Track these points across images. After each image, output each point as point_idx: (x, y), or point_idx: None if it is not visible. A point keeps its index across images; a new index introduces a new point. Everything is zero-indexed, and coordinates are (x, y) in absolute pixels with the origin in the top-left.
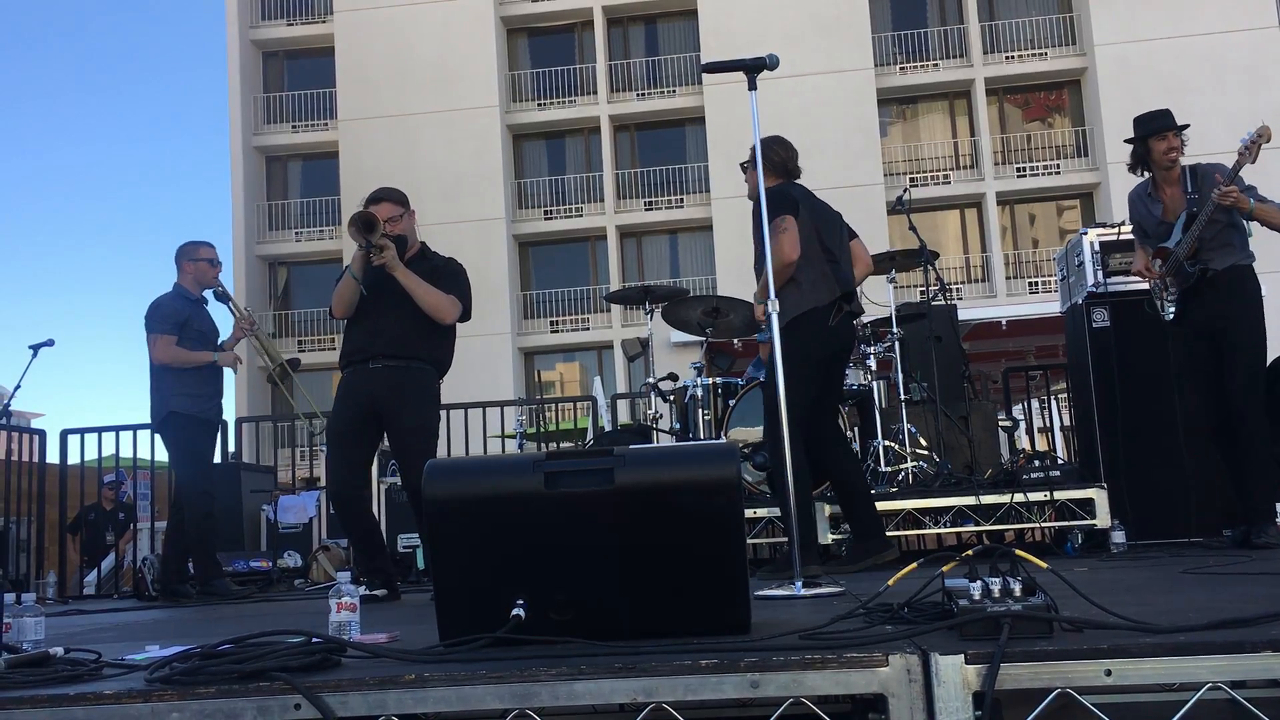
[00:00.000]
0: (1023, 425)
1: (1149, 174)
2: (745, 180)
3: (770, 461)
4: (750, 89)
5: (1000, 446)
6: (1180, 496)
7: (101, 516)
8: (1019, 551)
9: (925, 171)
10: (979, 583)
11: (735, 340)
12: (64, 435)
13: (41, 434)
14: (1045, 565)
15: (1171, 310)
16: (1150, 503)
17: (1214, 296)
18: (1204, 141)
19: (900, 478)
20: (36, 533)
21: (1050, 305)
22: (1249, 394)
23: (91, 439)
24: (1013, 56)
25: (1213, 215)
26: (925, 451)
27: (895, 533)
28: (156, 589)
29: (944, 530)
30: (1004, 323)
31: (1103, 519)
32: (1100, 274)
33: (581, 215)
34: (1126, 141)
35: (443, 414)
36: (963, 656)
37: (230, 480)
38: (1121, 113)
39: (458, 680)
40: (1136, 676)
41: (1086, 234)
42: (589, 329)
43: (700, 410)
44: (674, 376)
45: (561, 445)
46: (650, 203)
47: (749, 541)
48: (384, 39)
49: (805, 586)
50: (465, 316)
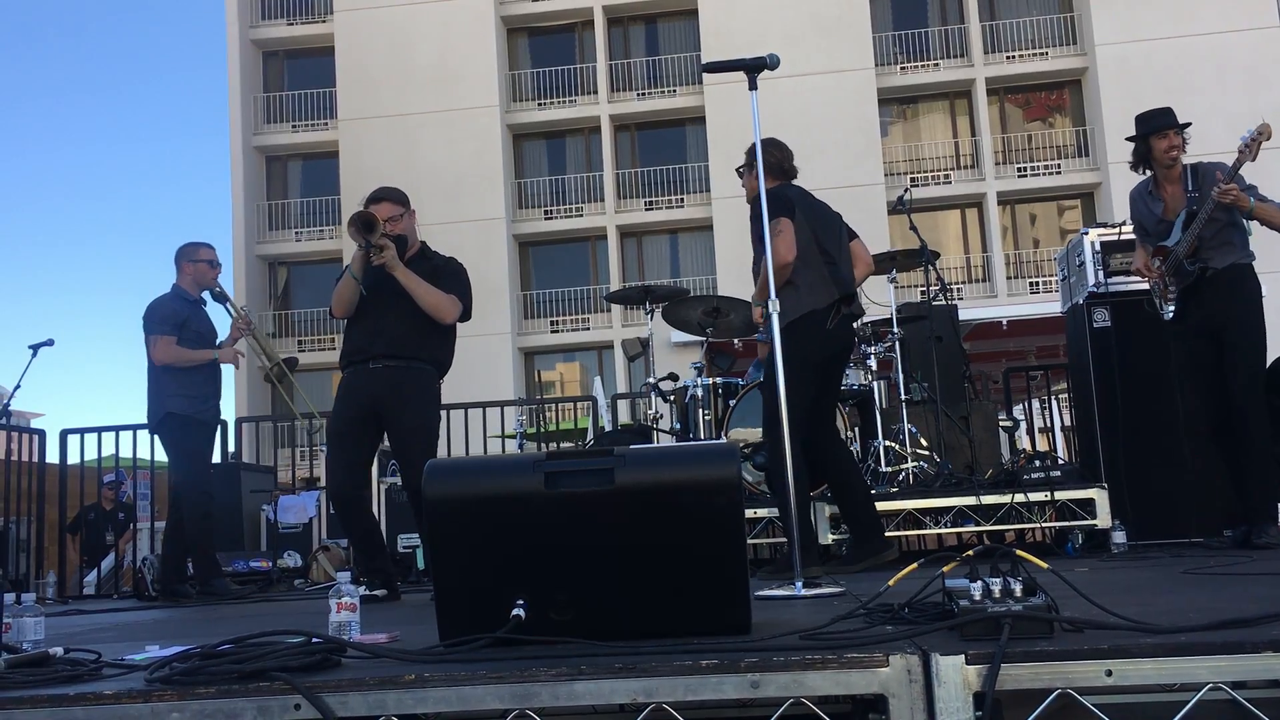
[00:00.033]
0: (1023, 425)
1: (1150, 172)
2: (742, 184)
3: (769, 463)
4: (751, 89)
5: (1001, 447)
6: (1181, 497)
7: (101, 516)
8: (1019, 552)
9: (926, 171)
10: (979, 583)
11: (735, 340)
12: (64, 435)
13: (41, 434)
14: (1046, 565)
15: (1171, 309)
16: (1151, 503)
17: (1213, 295)
18: (1205, 141)
19: (901, 478)
20: (36, 533)
21: (1051, 305)
22: (1249, 393)
23: (91, 439)
24: (1013, 56)
25: (1213, 214)
26: (926, 452)
27: (895, 533)
28: (156, 589)
29: (944, 530)
30: (1005, 323)
31: (1103, 519)
32: (1101, 274)
33: (582, 215)
34: (1128, 139)
35: (443, 414)
36: (963, 657)
37: (230, 480)
38: (1122, 113)
39: (458, 680)
40: (1137, 677)
41: (1087, 234)
42: (589, 329)
43: (700, 410)
44: (674, 376)
45: (562, 445)
46: (650, 202)
47: (749, 541)
48: (384, 39)
49: (805, 587)
50: (465, 316)
